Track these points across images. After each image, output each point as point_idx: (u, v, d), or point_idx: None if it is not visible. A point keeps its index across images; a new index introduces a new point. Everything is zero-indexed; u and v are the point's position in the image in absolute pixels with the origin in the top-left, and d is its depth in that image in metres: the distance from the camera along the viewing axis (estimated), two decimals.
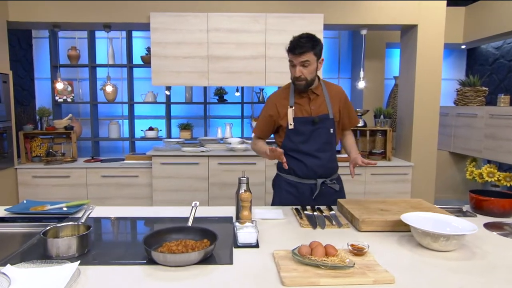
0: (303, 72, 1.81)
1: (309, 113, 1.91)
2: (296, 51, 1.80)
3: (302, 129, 1.90)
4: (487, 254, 1.27)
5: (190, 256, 1.17)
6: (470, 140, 4.26)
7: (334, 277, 1.08)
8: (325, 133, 1.92)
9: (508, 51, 4.43)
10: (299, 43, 1.80)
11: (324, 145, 1.93)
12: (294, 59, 1.82)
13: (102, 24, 3.59)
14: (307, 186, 1.96)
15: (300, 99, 1.93)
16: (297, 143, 1.92)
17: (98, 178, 3.57)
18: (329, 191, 1.96)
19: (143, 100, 4.50)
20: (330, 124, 1.93)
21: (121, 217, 1.74)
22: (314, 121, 1.89)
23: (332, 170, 1.99)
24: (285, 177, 2.02)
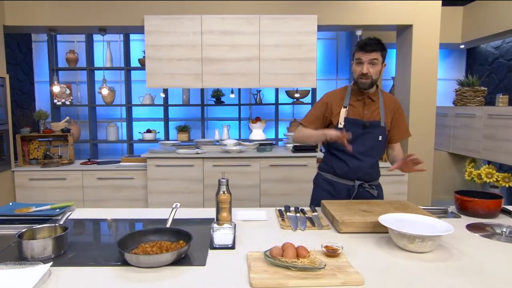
0: (370, 70, 1.84)
1: (361, 117, 1.93)
2: (368, 48, 1.81)
3: (351, 130, 1.89)
4: (463, 256, 1.26)
5: (162, 257, 1.17)
6: (469, 141, 4.22)
7: (303, 278, 1.07)
8: (373, 139, 1.93)
9: (507, 51, 4.38)
10: (371, 42, 1.83)
11: (369, 150, 1.93)
12: (363, 56, 1.83)
13: (97, 27, 3.62)
14: (344, 186, 1.97)
15: (355, 102, 1.95)
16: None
17: (94, 180, 3.60)
18: (366, 195, 1.95)
19: (141, 102, 4.53)
20: (380, 131, 1.94)
21: (103, 218, 1.75)
22: (365, 125, 1.91)
23: (373, 175, 2.00)
24: (324, 175, 2.05)
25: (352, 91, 1.98)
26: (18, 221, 1.63)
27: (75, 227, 1.63)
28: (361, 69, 1.84)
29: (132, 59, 4.59)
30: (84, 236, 1.57)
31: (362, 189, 1.94)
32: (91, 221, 1.72)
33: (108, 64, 4.47)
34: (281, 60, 3.54)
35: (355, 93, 1.96)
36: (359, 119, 1.92)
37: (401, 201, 1.79)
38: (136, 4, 3.51)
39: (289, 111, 4.87)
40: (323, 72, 4.85)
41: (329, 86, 4.87)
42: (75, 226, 1.64)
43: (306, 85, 3.62)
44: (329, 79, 4.88)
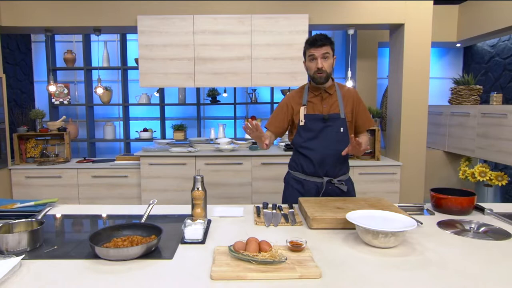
0: (324, 64, 1.89)
1: (320, 111, 1.97)
2: (319, 43, 1.87)
3: (312, 126, 1.96)
4: (426, 251, 1.28)
5: (130, 250, 1.21)
6: (463, 139, 4.21)
7: (262, 271, 1.10)
8: (335, 132, 1.96)
9: (503, 49, 4.36)
10: (320, 37, 1.89)
11: (331, 143, 1.96)
12: (316, 52, 1.89)
13: (92, 27, 3.68)
14: (313, 184, 2.00)
15: (313, 98, 2.00)
16: (306, 140, 1.98)
17: (89, 178, 3.66)
18: (336, 191, 1.98)
19: (138, 101, 4.59)
20: (341, 123, 1.97)
21: (83, 215, 1.79)
22: (324, 118, 1.95)
23: (340, 170, 2.01)
24: (293, 174, 2.09)
25: (309, 88, 2.02)
26: (2, 217, 1.68)
27: (55, 223, 1.68)
28: (315, 64, 1.89)
29: (129, 59, 4.65)
30: (63, 231, 1.62)
31: (331, 185, 1.96)
32: (72, 217, 1.76)
33: (105, 64, 4.54)
34: (272, 59, 3.57)
35: (312, 89, 2.00)
36: (318, 114, 1.96)
37: (376, 198, 1.81)
38: (130, 4, 3.56)
39: None
40: None
41: None
42: (56, 222, 1.69)
43: (298, 84, 3.63)
44: None
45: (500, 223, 1.57)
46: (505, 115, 3.59)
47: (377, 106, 4.74)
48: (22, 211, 1.72)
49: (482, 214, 1.69)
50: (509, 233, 1.44)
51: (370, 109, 4.01)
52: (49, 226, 1.62)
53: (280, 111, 2.05)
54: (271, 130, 2.07)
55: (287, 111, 2.03)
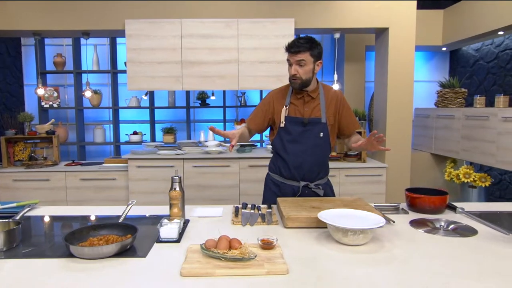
0: (298, 71, 1.86)
1: (301, 114, 1.96)
2: (292, 50, 1.85)
3: (292, 129, 1.95)
4: (394, 248, 1.32)
5: (104, 249, 1.24)
6: (449, 141, 4.27)
7: (231, 268, 1.13)
8: (314, 136, 1.95)
9: (487, 53, 4.44)
10: (296, 43, 1.86)
11: (311, 148, 1.95)
12: (291, 58, 1.87)
13: (81, 31, 3.71)
14: (289, 187, 2.00)
15: (295, 100, 1.98)
16: (285, 142, 1.97)
17: (77, 181, 3.67)
18: (313, 195, 1.97)
19: (127, 105, 4.61)
20: (321, 128, 1.95)
21: (69, 215, 1.81)
22: (304, 122, 1.94)
23: (318, 174, 2.01)
24: (272, 176, 2.09)
25: (293, 89, 2.00)
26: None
27: (33, 224, 1.70)
28: (291, 70, 1.88)
29: (119, 62, 4.67)
30: (42, 231, 1.64)
31: (308, 189, 1.97)
32: (54, 218, 1.78)
33: (95, 67, 4.56)
34: (259, 63, 3.62)
35: (296, 91, 1.99)
36: (298, 117, 1.95)
37: (353, 198, 1.85)
38: (118, 8, 3.59)
39: None
40: None
41: None
42: (36, 223, 1.71)
43: None
44: None
45: (469, 221, 1.61)
46: (487, 117, 3.66)
47: (365, 109, 4.80)
48: (3, 212, 1.74)
49: (454, 213, 1.73)
50: (475, 230, 1.48)
51: (357, 112, 4.07)
52: (29, 227, 1.64)
53: (262, 108, 2.03)
54: (251, 127, 2.04)
55: (268, 109, 2.01)
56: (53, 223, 1.74)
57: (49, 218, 1.77)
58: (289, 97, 1.99)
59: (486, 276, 1.10)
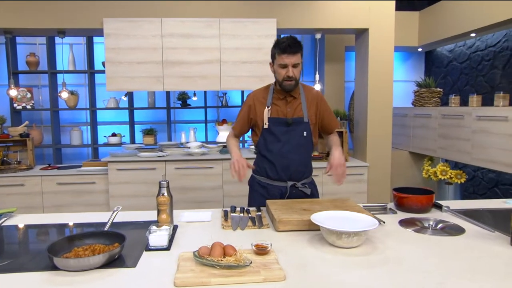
0: (295, 72, 1.85)
1: (284, 115, 1.95)
2: (292, 50, 1.81)
3: (276, 129, 1.94)
4: (386, 249, 1.33)
5: (91, 260, 1.18)
6: (426, 140, 4.39)
7: (227, 276, 1.11)
8: (298, 136, 1.95)
9: (459, 54, 4.59)
10: (293, 43, 1.82)
11: (296, 147, 1.95)
12: (287, 59, 1.82)
13: (56, 30, 3.56)
14: (277, 188, 1.99)
15: (277, 101, 1.97)
16: (270, 143, 1.96)
17: (54, 186, 3.53)
18: (300, 194, 1.98)
19: (106, 106, 4.48)
20: (304, 127, 1.96)
21: (49, 224, 1.73)
22: (288, 122, 1.93)
23: (304, 173, 2.01)
24: (258, 178, 2.06)
25: (274, 90, 1.99)
26: None
27: (10, 234, 1.61)
28: (286, 72, 1.85)
29: (96, 62, 4.53)
30: (21, 242, 1.56)
31: (295, 189, 1.98)
32: (33, 226, 1.70)
33: (70, 67, 4.40)
34: (241, 63, 3.59)
35: (277, 92, 1.98)
36: (282, 118, 1.95)
37: (342, 199, 1.86)
38: (95, 6, 3.48)
39: None
40: None
41: None
42: (10, 233, 1.62)
43: None
44: None
45: (456, 219, 1.65)
46: (462, 116, 3.78)
47: (345, 108, 4.86)
48: None
49: (440, 211, 1.77)
50: (463, 228, 1.52)
51: (338, 112, 4.11)
52: (5, 237, 1.55)
53: (245, 112, 2.03)
54: (236, 132, 2.08)
55: (250, 111, 2.01)
56: (32, 233, 1.65)
57: (27, 227, 1.68)
58: (270, 98, 1.98)
59: (479, 275, 1.13)
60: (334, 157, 1.86)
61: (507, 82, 3.90)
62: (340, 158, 1.86)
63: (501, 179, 4.07)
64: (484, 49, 4.21)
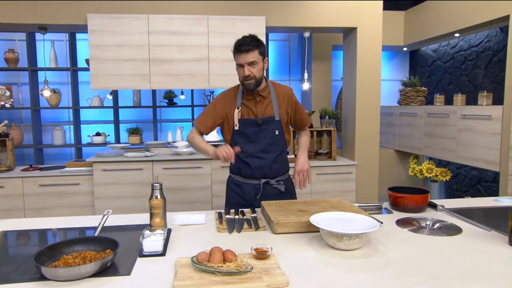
0: (252, 70, 1.82)
1: (255, 115, 1.93)
2: (243, 48, 1.80)
3: (247, 130, 1.92)
4: (388, 251, 1.31)
5: (82, 269, 1.12)
6: (412, 138, 4.44)
7: (228, 283, 1.07)
8: (269, 135, 1.94)
9: (443, 54, 4.66)
10: (244, 42, 1.82)
11: (268, 146, 1.94)
12: (241, 59, 1.82)
13: (37, 25, 3.42)
14: (251, 186, 1.98)
15: (247, 101, 1.94)
16: (241, 144, 1.93)
17: (36, 188, 3.40)
18: (274, 191, 1.98)
19: (89, 104, 4.35)
20: (276, 126, 1.94)
21: (34, 229, 1.65)
22: (258, 123, 1.91)
23: (278, 171, 2.01)
24: (233, 177, 2.06)
25: (243, 90, 1.96)
26: None
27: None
28: (242, 71, 1.83)
29: (79, 59, 4.39)
30: (3, 250, 1.47)
31: (269, 186, 1.97)
32: (16, 232, 1.61)
33: (52, 65, 4.25)
34: (230, 61, 3.51)
35: (246, 92, 1.94)
36: (252, 118, 1.93)
37: (337, 199, 1.84)
38: (79, 2, 3.35)
39: None
40: (276, 73, 4.91)
41: None
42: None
43: None
44: (282, 80, 4.94)
45: (451, 218, 1.66)
46: (448, 115, 3.83)
47: (332, 107, 4.87)
48: None
49: (435, 211, 1.78)
50: (460, 228, 1.52)
51: (326, 111, 4.11)
52: None
53: (212, 112, 1.98)
54: (202, 130, 1.99)
55: (218, 113, 1.96)
56: (13, 239, 1.56)
57: (12, 233, 1.60)
58: (239, 99, 1.95)
59: (484, 277, 1.11)
60: (297, 163, 1.96)
61: (489, 82, 3.98)
62: (303, 164, 1.94)
63: (483, 176, 4.16)
64: (467, 49, 4.28)
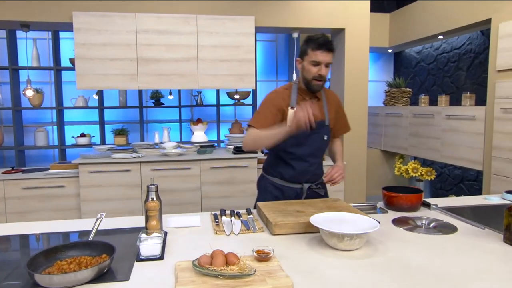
0: (326, 71, 1.76)
1: None
2: (327, 47, 1.72)
3: (299, 134, 1.79)
4: (388, 251, 1.32)
5: (78, 275, 1.08)
6: (397, 138, 4.52)
7: (232, 287, 1.04)
8: (319, 139, 1.89)
9: (427, 55, 4.76)
10: (328, 40, 1.73)
11: (316, 150, 1.90)
12: (322, 57, 1.73)
13: (19, 22, 3.31)
14: (293, 190, 1.93)
15: (302, 102, 1.82)
16: (289, 146, 1.86)
17: (18, 191, 3.28)
18: (315, 196, 1.95)
19: (74, 105, 4.24)
20: (326, 131, 1.90)
21: (12, 234, 1.58)
22: (312, 127, 1.79)
23: (319, 176, 1.99)
24: (271, 180, 1.98)
25: (298, 90, 1.86)
26: None
27: None
28: (317, 70, 1.74)
29: (63, 59, 4.27)
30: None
31: (311, 190, 1.95)
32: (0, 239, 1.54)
33: (34, 64, 4.12)
34: (219, 61, 3.51)
35: (302, 92, 1.86)
36: None
37: (333, 199, 1.85)
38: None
39: (230, 112, 4.85)
40: (263, 74, 4.90)
41: (269, 87, 4.93)
42: None
43: (246, 86, 3.62)
44: (269, 80, 4.94)
45: (445, 217, 1.68)
46: (432, 115, 3.92)
47: None
48: None
49: (428, 209, 1.80)
50: (455, 227, 1.55)
51: None
52: None
53: (270, 112, 1.82)
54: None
55: (277, 113, 1.82)
56: (2, 246, 1.50)
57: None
58: (294, 98, 1.84)
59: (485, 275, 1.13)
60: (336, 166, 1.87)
61: (471, 83, 4.09)
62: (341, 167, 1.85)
63: (466, 175, 4.27)
64: (450, 51, 4.39)
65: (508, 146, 3.08)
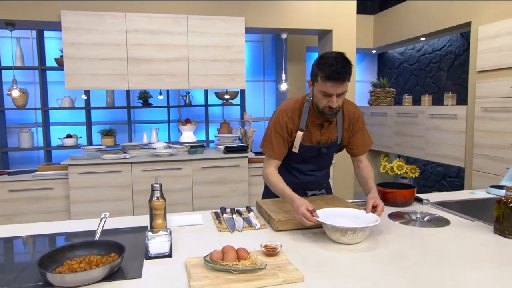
0: (339, 102, 1.55)
1: (318, 141, 1.75)
2: (340, 78, 1.47)
3: (306, 154, 1.77)
4: (388, 243, 1.38)
5: (91, 273, 1.09)
6: (382, 137, 4.64)
7: (245, 281, 1.08)
8: (327, 157, 1.87)
9: (409, 57, 4.92)
10: (343, 69, 1.46)
11: (322, 166, 1.90)
12: (332, 89, 1.49)
13: (3, 21, 3.24)
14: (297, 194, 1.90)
15: (312, 125, 1.71)
16: (294, 162, 1.84)
17: (5, 193, 3.21)
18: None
19: (59, 105, 4.16)
20: (335, 149, 1.84)
21: (16, 236, 1.57)
22: (321, 151, 1.76)
23: (324, 182, 1.99)
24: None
25: (310, 110, 1.71)
26: None
27: None
28: (327, 102, 1.55)
29: (48, 58, 4.19)
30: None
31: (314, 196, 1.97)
32: (1, 239, 1.52)
33: (18, 63, 4.02)
34: (210, 61, 3.53)
35: (313, 114, 1.70)
36: (315, 145, 1.76)
37: (330, 196, 1.90)
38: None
39: (219, 112, 4.87)
40: (250, 74, 4.94)
41: (257, 88, 4.98)
42: None
43: (236, 86, 3.65)
44: (256, 80, 4.99)
45: (437, 211, 1.77)
46: (416, 114, 4.05)
47: None
48: None
49: (420, 204, 1.88)
50: (448, 220, 1.63)
51: None
52: None
53: (282, 138, 1.72)
54: (279, 159, 1.76)
55: (288, 137, 1.73)
56: (6, 247, 1.48)
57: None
58: (304, 119, 1.70)
59: (478, 263, 1.21)
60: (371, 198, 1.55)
61: (452, 84, 4.25)
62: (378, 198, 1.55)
63: (448, 172, 4.43)
64: (431, 53, 4.54)
65: (489, 143, 3.23)
